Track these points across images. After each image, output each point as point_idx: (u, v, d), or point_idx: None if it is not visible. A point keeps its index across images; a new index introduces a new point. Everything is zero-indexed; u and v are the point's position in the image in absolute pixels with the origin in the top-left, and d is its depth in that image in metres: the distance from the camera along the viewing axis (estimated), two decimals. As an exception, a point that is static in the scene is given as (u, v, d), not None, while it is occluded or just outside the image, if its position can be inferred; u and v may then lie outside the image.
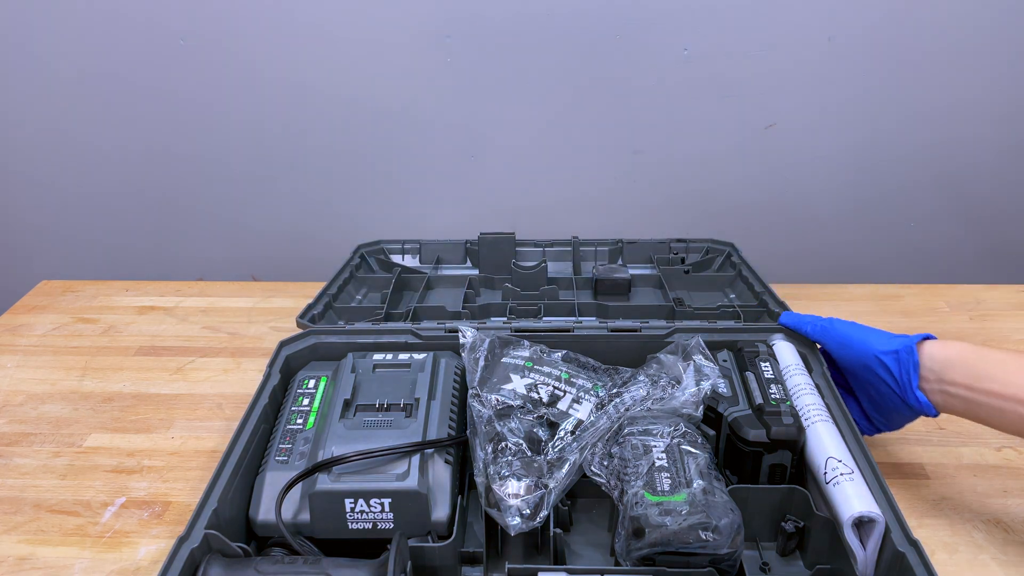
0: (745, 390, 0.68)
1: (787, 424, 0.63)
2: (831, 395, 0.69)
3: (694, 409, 0.64)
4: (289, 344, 0.78)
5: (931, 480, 0.73)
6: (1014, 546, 0.65)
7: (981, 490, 0.71)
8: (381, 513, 0.58)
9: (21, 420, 0.85)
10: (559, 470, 0.60)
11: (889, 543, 0.54)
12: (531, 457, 0.61)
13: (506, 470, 0.59)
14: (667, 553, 0.54)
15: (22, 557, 0.67)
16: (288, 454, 0.64)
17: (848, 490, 0.57)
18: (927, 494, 0.71)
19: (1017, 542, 0.65)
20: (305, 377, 0.74)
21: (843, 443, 0.62)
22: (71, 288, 1.14)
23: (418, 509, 0.58)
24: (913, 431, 0.79)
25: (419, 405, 0.67)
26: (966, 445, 0.77)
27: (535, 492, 0.58)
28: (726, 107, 1.24)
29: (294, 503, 0.60)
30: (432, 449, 0.62)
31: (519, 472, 0.59)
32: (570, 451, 0.62)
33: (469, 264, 1.09)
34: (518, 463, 0.60)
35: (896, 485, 0.72)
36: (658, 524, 0.53)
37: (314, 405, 0.70)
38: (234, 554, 0.55)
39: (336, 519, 0.59)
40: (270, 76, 1.24)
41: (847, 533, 0.55)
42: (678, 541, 0.53)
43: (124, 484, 0.75)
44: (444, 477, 0.61)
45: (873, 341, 0.68)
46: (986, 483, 0.72)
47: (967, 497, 0.71)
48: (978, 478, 0.73)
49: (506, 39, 1.20)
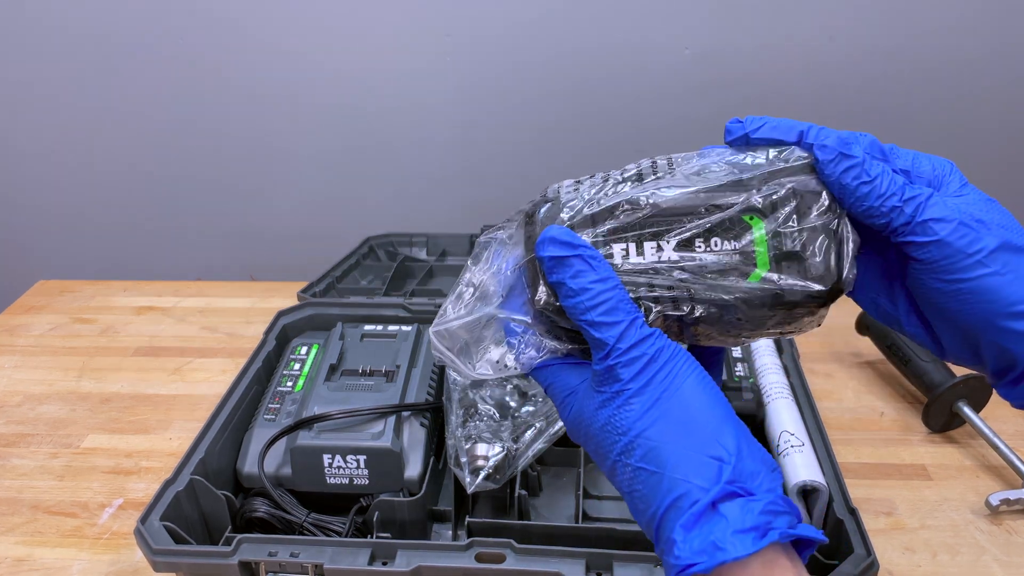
0: None
1: (747, 400, 0.67)
2: (796, 375, 0.73)
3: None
4: (287, 314, 0.82)
5: (933, 481, 0.73)
6: (1016, 548, 0.65)
7: (984, 491, 0.70)
8: (357, 469, 0.62)
9: (18, 421, 0.84)
10: (524, 435, 0.63)
11: (831, 512, 0.57)
12: (499, 422, 0.64)
13: (473, 432, 0.62)
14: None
15: (20, 558, 0.66)
16: (276, 413, 0.68)
17: (796, 460, 0.61)
18: (929, 495, 0.71)
19: (1020, 544, 0.65)
20: (298, 344, 0.78)
21: (800, 418, 0.66)
22: (68, 288, 1.13)
23: (391, 467, 0.62)
24: (915, 431, 0.79)
25: (400, 372, 0.71)
26: (968, 446, 0.77)
27: (498, 454, 0.61)
28: (726, 106, 1.23)
29: (278, 457, 0.64)
30: (409, 412, 0.66)
31: (485, 436, 0.62)
32: (537, 417, 0.64)
33: None
34: (485, 427, 0.63)
35: (898, 486, 0.72)
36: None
37: (304, 370, 0.74)
38: (216, 500, 0.61)
39: (315, 473, 0.62)
40: (269, 75, 1.24)
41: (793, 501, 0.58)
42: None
43: (122, 485, 0.75)
44: (418, 439, 0.65)
45: (1008, 298, 0.35)
46: (989, 484, 0.72)
47: (969, 498, 0.70)
48: (981, 479, 0.73)
49: (506, 38, 1.20)
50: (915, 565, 0.64)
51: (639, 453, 0.34)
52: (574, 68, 1.21)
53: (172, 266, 1.41)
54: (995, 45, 1.17)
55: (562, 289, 0.35)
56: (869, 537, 0.54)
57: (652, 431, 0.34)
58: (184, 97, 1.26)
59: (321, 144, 1.30)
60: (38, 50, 1.24)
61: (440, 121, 1.27)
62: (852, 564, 0.52)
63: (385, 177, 1.32)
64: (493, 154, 1.30)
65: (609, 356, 0.34)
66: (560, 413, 0.38)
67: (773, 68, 1.20)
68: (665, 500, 0.33)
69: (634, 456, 0.34)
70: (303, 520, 0.61)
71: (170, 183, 1.35)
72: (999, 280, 0.35)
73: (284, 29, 1.20)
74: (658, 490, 0.33)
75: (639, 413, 0.34)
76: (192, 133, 1.29)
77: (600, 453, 0.36)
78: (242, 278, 1.38)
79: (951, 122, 1.24)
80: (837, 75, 1.20)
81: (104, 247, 1.42)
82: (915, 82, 1.21)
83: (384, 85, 1.24)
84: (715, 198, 0.36)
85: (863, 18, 1.16)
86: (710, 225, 0.36)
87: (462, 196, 1.33)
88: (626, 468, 0.34)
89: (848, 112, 1.23)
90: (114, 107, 1.28)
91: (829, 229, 0.36)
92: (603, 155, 1.29)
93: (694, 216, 0.36)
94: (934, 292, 0.36)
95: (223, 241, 1.40)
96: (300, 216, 1.37)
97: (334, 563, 0.53)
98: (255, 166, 1.33)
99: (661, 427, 0.34)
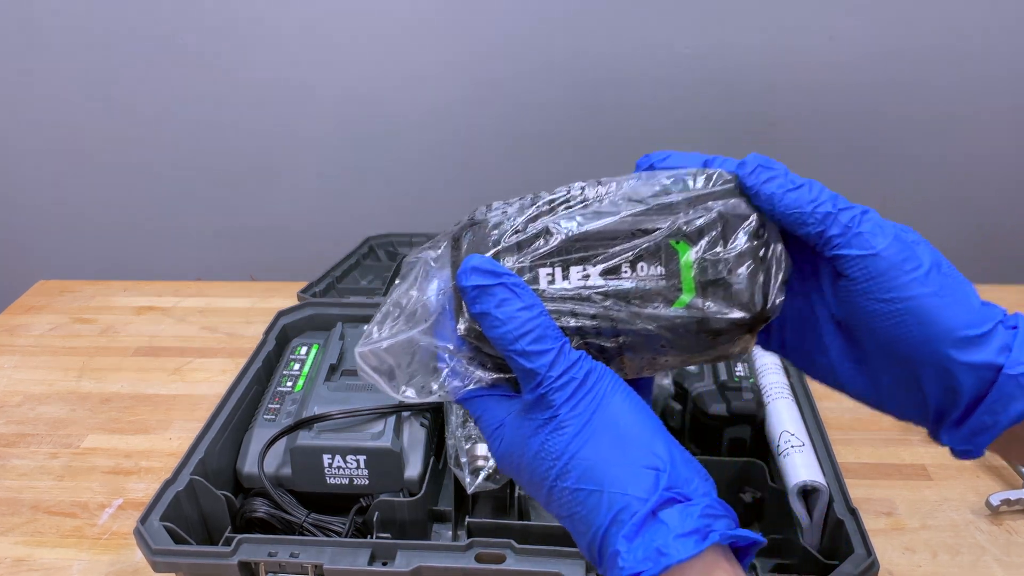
0: (712, 368, 0.71)
1: (747, 399, 0.66)
2: (796, 375, 0.73)
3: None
4: (287, 314, 0.82)
5: (933, 481, 0.73)
6: (1017, 548, 0.65)
7: (984, 491, 0.70)
8: (357, 469, 0.62)
9: (18, 421, 0.84)
10: None
11: (831, 512, 0.57)
12: None
13: (474, 432, 0.62)
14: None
15: (19, 559, 0.66)
16: (276, 413, 0.68)
17: (796, 460, 0.60)
18: (929, 495, 0.71)
19: (1020, 544, 0.65)
20: (298, 344, 0.78)
21: (800, 418, 0.66)
22: (68, 288, 1.13)
23: (391, 467, 0.62)
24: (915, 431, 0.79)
25: None
26: (968, 446, 0.77)
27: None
28: (726, 106, 1.23)
29: (278, 457, 0.64)
30: (409, 412, 0.66)
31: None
32: None
33: None
34: None
35: (898, 486, 0.72)
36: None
37: (304, 370, 0.74)
38: (216, 500, 0.61)
39: (315, 473, 0.62)
40: (268, 74, 1.24)
41: (793, 501, 0.58)
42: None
43: (122, 485, 0.75)
44: (418, 439, 0.65)
45: (949, 322, 0.34)
46: (989, 484, 0.72)
47: (970, 498, 0.70)
48: (981, 479, 0.73)
49: (507, 39, 1.19)
50: (915, 565, 0.64)
51: (575, 475, 0.34)
52: (574, 68, 1.21)
53: (172, 266, 1.41)
54: (996, 45, 1.17)
55: (486, 319, 0.35)
56: (869, 537, 0.54)
57: (586, 451, 0.34)
58: (184, 97, 1.26)
59: (321, 144, 1.30)
60: (38, 50, 1.24)
61: (440, 121, 1.27)
62: (852, 564, 0.52)
63: (385, 177, 1.32)
64: (493, 154, 1.30)
65: (541, 385, 0.34)
66: (490, 446, 0.37)
67: (773, 68, 1.20)
68: (607, 517, 0.33)
69: (570, 479, 0.34)
70: (303, 520, 0.61)
71: (170, 183, 1.35)
72: (938, 302, 0.33)
73: (284, 29, 1.20)
74: (599, 508, 0.33)
75: (571, 435, 0.34)
76: (192, 133, 1.29)
77: (535, 482, 0.35)
78: (242, 278, 1.38)
79: (951, 122, 1.24)
80: (837, 75, 1.20)
81: (104, 247, 1.42)
82: (915, 82, 1.20)
83: (385, 85, 1.24)
84: (642, 223, 0.36)
85: (863, 18, 1.16)
86: (637, 250, 0.35)
87: (462, 196, 1.32)
88: (563, 492, 0.34)
89: (848, 112, 1.23)
90: (114, 107, 1.28)
91: (756, 255, 0.35)
92: (603, 155, 1.29)
93: (621, 241, 0.35)
94: (870, 316, 0.34)
95: (223, 241, 1.40)
96: (300, 216, 1.37)
97: (334, 563, 0.53)
98: (255, 166, 1.32)
99: (594, 446, 0.33)
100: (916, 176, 1.29)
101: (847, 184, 1.31)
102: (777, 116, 1.24)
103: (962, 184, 1.30)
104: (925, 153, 1.27)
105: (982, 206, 1.32)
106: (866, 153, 1.27)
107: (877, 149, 1.27)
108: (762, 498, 0.64)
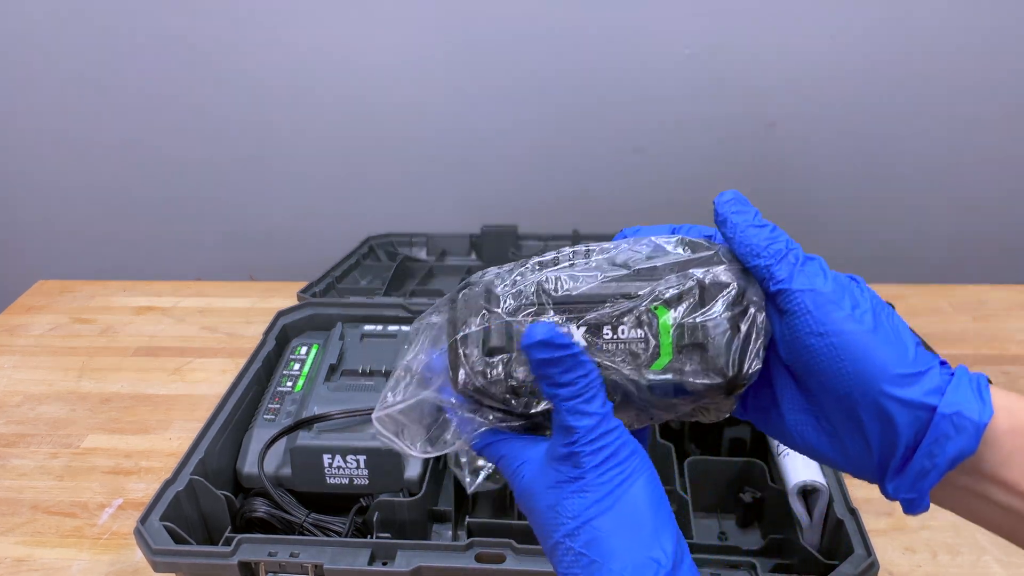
0: None
1: None
2: None
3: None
4: (287, 314, 0.82)
5: (933, 481, 0.72)
6: (1017, 548, 0.64)
7: (984, 491, 0.70)
8: (357, 469, 0.62)
9: (18, 421, 0.84)
10: None
11: (831, 512, 0.57)
12: None
13: None
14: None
15: (19, 559, 0.66)
16: (276, 413, 0.68)
17: (796, 460, 0.60)
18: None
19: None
20: (298, 344, 0.79)
21: None
22: (68, 288, 1.13)
23: (391, 467, 0.62)
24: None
25: None
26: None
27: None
28: (726, 106, 1.23)
29: (278, 457, 0.64)
30: None
31: None
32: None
33: (474, 256, 1.13)
34: None
35: (898, 486, 0.72)
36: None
37: (304, 370, 0.74)
38: (216, 500, 0.60)
39: (315, 473, 0.62)
40: (269, 75, 1.24)
41: (793, 501, 0.58)
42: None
43: (122, 485, 0.75)
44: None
45: (883, 360, 0.34)
46: (989, 484, 0.72)
47: (970, 498, 0.70)
48: (981, 479, 0.72)
49: (507, 38, 1.19)
50: (915, 565, 0.64)
51: (584, 539, 0.35)
52: (574, 68, 1.21)
53: (172, 266, 1.41)
54: (996, 44, 1.17)
55: (547, 381, 0.36)
56: (869, 537, 0.54)
57: (600, 521, 0.34)
58: (184, 97, 1.26)
59: (321, 144, 1.30)
60: (38, 50, 1.23)
61: (440, 121, 1.27)
62: (852, 564, 0.52)
63: (385, 177, 1.32)
64: (493, 154, 1.30)
65: (576, 443, 0.35)
66: (511, 482, 0.38)
67: (773, 68, 1.20)
68: None
69: (578, 541, 0.35)
70: (303, 520, 0.61)
71: (170, 183, 1.35)
72: (873, 339, 0.34)
73: (284, 29, 1.20)
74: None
75: (592, 501, 0.35)
76: (192, 133, 1.29)
77: (545, 531, 0.36)
78: (242, 278, 1.38)
79: (951, 122, 1.24)
80: (837, 75, 1.20)
81: (104, 247, 1.42)
82: (915, 82, 1.20)
83: (384, 85, 1.24)
84: (625, 287, 0.37)
85: (863, 17, 1.16)
86: (619, 312, 0.37)
87: (462, 197, 1.33)
88: (568, 551, 0.35)
89: (848, 112, 1.23)
90: (114, 107, 1.28)
91: (734, 322, 0.36)
92: (604, 155, 1.29)
93: (606, 303, 0.37)
94: (808, 352, 0.35)
95: (223, 241, 1.40)
96: (300, 216, 1.37)
97: (334, 563, 0.53)
98: (255, 166, 1.32)
99: (610, 520, 0.34)
100: (916, 176, 1.29)
101: (847, 184, 1.31)
102: (777, 116, 1.24)
103: (962, 184, 1.30)
104: (925, 153, 1.27)
105: (982, 206, 1.32)
106: (866, 153, 1.27)
107: (877, 149, 1.27)
108: (762, 498, 0.64)
